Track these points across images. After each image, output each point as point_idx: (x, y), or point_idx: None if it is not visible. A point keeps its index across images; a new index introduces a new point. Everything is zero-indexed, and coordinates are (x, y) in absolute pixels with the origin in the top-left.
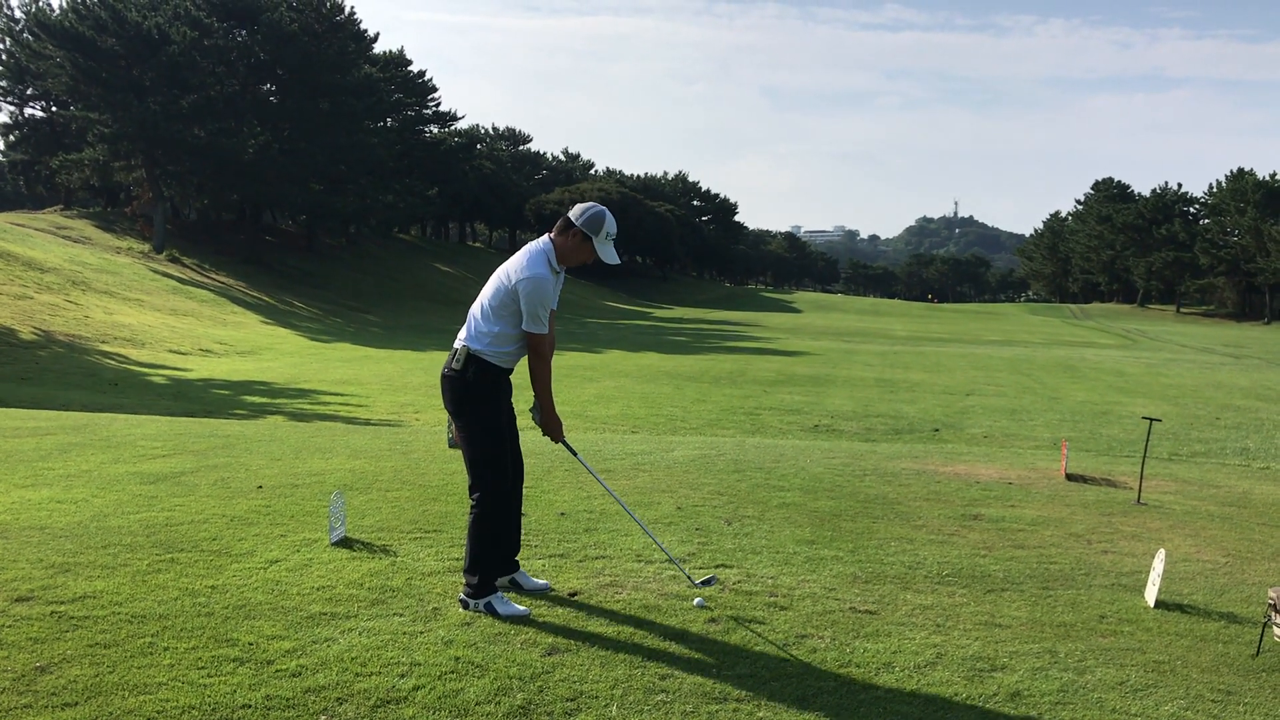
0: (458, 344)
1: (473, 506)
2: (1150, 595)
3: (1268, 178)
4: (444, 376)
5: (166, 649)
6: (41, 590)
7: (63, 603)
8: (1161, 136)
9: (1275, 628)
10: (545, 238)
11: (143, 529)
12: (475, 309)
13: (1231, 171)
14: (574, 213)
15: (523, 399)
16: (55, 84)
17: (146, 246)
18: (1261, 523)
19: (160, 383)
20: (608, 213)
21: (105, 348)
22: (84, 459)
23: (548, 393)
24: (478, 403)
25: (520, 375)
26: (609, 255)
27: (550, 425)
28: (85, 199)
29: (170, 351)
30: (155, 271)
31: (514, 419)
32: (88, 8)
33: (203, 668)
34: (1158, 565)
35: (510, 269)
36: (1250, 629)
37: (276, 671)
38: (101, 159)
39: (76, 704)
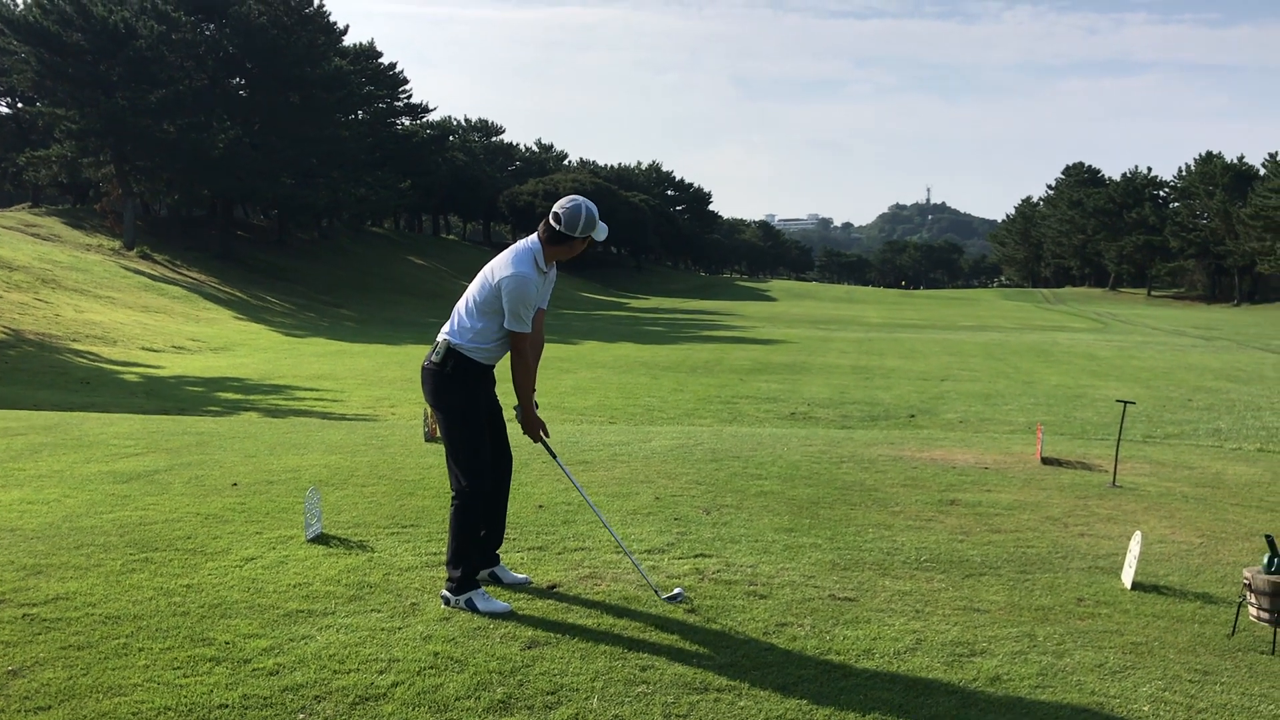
0: (440, 337)
1: (454, 499)
2: (1127, 577)
3: (1235, 161)
4: (424, 369)
5: (141, 650)
6: (13, 593)
7: (35, 605)
8: (1130, 120)
9: (1250, 608)
10: (534, 237)
11: (116, 529)
12: (461, 304)
13: (1200, 155)
14: (557, 218)
15: (509, 394)
16: (20, 80)
17: (117, 243)
18: (1235, 503)
19: (132, 381)
20: (584, 204)
21: (76, 346)
22: (55, 459)
23: (526, 392)
24: (457, 396)
25: (504, 368)
26: (600, 234)
27: (529, 424)
28: (54, 196)
29: (142, 349)
30: (126, 268)
31: (499, 412)
32: (52, 2)
33: (178, 668)
34: (1134, 547)
35: (495, 266)
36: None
37: (253, 670)
38: (69, 155)
39: (50, 707)
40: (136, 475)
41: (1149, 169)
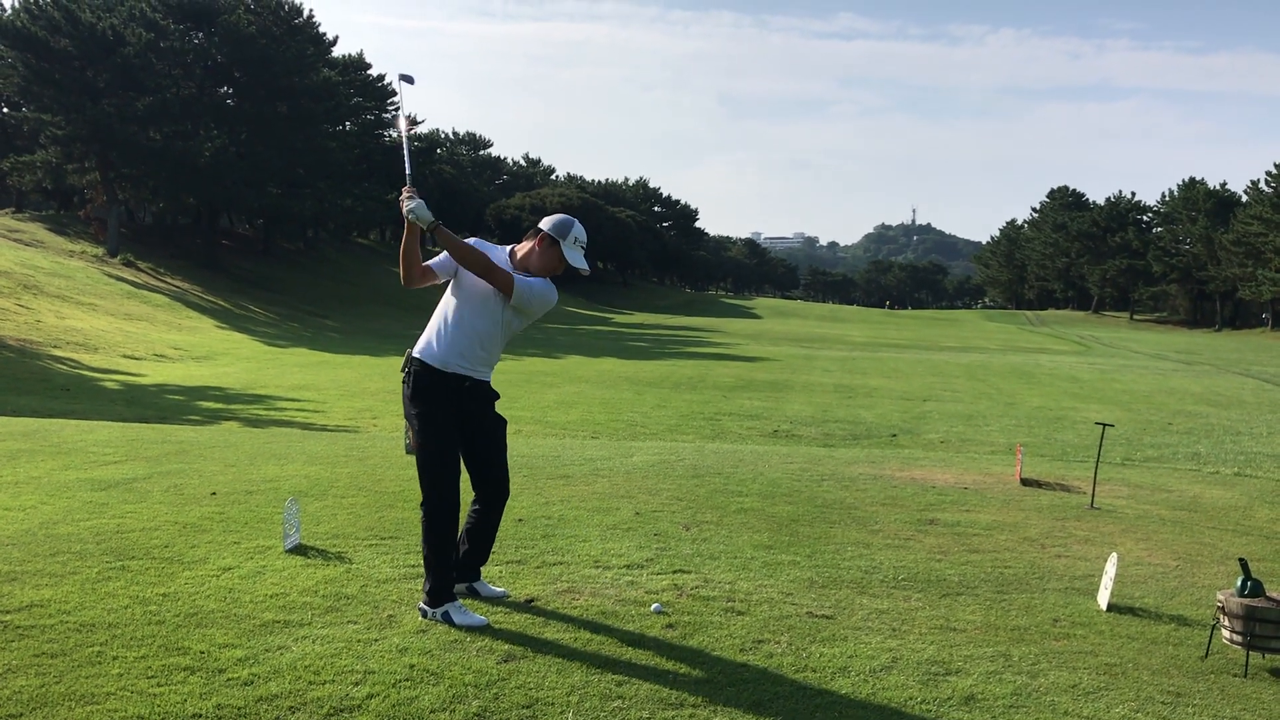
0: (415, 350)
1: (421, 508)
2: (1102, 599)
3: (1218, 187)
4: (403, 380)
5: (116, 658)
6: None
7: (9, 612)
8: (1112, 145)
9: (1224, 630)
10: (505, 249)
11: (93, 536)
12: (437, 315)
13: (1183, 181)
14: (544, 221)
15: (510, 410)
16: (7, 85)
17: (100, 250)
18: (1211, 526)
19: (113, 388)
20: (577, 221)
21: (57, 352)
22: (33, 465)
23: (455, 244)
24: (424, 407)
25: (501, 381)
26: (577, 260)
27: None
28: (38, 202)
29: (124, 356)
30: (109, 275)
31: (498, 429)
32: (40, 8)
33: (153, 677)
34: (1110, 569)
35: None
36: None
37: (228, 680)
38: (54, 161)
39: (21, 715)
40: (115, 483)
41: (1133, 193)
